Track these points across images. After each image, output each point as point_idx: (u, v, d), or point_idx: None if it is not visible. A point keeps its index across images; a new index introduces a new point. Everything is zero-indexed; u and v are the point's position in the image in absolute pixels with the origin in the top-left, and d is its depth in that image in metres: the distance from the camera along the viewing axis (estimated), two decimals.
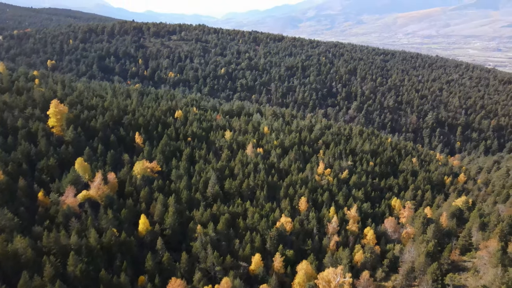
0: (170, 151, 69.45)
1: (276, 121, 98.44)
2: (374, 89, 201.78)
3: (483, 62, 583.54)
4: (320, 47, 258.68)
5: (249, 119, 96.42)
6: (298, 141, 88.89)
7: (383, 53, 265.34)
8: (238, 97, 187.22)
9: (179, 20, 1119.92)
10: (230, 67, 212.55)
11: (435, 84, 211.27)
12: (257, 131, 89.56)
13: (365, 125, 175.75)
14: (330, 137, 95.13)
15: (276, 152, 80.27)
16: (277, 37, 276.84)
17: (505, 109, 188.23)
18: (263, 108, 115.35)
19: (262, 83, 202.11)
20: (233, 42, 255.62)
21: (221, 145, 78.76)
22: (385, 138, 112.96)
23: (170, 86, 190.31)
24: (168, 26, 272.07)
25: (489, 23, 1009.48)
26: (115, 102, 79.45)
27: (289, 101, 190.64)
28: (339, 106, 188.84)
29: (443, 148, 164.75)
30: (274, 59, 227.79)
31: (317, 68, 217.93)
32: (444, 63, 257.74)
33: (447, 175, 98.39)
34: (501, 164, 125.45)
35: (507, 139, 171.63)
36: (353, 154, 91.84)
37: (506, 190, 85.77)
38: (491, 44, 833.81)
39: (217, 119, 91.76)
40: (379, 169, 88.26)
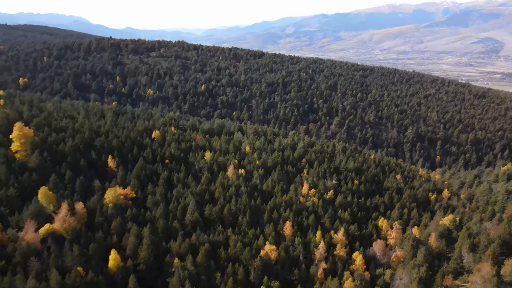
0: (146, 175, 65.18)
1: (258, 140, 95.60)
2: (354, 105, 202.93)
3: (456, 77, 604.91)
4: (300, 63, 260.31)
5: (230, 138, 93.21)
6: (281, 160, 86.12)
7: (362, 68, 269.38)
8: (218, 114, 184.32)
9: (159, 36, 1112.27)
10: (210, 83, 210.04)
11: (413, 99, 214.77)
12: (238, 150, 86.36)
13: (347, 141, 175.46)
14: (314, 155, 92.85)
15: (259, 173, 77.10)
16: (258, 53, 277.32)
17: (482, 123, 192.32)
18: (245, 126, 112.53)
19: (243, 99, 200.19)
20: (214, 59, 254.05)
21: (200, 166, 75.01)
22: (368, 154, 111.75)
23: (149, 104, 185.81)
24: (147, 42, 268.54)
25: (460, 39, 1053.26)
26: (87, 123, 74.84)
27: (271, 117, 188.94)
28: (320, 121, 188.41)
29: (424, 162, 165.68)
30: (255, 75, 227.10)
31: (298, 84, 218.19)
32: (420, 78, 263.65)
33: (431, 191, 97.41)
34: (482, 179, 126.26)
35: (485, 152, 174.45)
36: (337, 173, 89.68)
37: (490, 206, 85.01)
38: (463, 60, 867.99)
39: (197, 139, 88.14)
40: (364, 188, 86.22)
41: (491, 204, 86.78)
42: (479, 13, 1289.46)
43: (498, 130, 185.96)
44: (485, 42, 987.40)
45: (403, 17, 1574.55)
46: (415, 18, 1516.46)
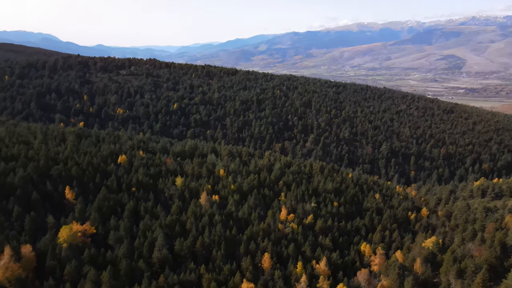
0: (109, 206, 58.93)
1: (232, 162, 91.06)
2: (329, 121, 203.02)
3: (423, 92, 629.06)
4: (274, 80, 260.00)
5: (203, 161, 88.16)
6: (257, 183, 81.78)
7: (335, 85, 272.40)
8: (192, 133, 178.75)
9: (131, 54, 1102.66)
10: (183, 102, 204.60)
11: (386, 115, 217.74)
12: (212, 174, 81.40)
13: (323, 158, 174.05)
14: (291, 177, 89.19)
15: (234, 198, 72.31)
16: (231, 70, 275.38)
17: (452, 138, 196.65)
18: (219, 147, 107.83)
19: (216, 118, 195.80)
20: (186, 76, 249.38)
21: (171, 194, 69.38)
22: (346, 173, 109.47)
23: (118, 123, 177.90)
24: (116, 60, 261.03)
25: (425, 56, 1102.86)
26: (44, 149, 67.92)
27: (245, 135, 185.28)
28: (296, 139, 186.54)
29: (399, 178, 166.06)
30: (229, 93, 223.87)
31: (272, 101, 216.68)
32: (391, 94, 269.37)
33: (410, 210, 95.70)
34: (457, 194, 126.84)
35: (456, 166, 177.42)
36: (316, 195, 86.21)
37: (470, 225, 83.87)
38: (428, 76, 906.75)
39: (167, 163, 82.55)
40: (344, 210, 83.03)
41: (470, 222, 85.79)
42: (441, 31, 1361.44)
43: (468, 144, 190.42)
44: (448, 59, 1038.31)
45: (371, 35, 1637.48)
46: (382, 36, 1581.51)
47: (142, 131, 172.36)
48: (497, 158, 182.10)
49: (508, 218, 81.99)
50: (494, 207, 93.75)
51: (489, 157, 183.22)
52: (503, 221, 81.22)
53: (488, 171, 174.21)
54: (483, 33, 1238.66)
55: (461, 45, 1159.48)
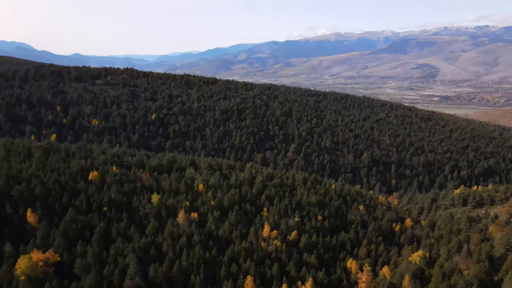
0: (77, 229, 53.99)
1: (212, 176, 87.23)
2: (310, 130, 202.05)
3: (399, 100, 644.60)
4: (254, 89, 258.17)
5: (181, 175, 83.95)
6: (239, 198, 78.24)
7: (316, 94, 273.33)
8: (170, 144, 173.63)
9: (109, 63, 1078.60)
10: (161, 112, 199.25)
11: (366, 123, 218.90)
12: (190, 190, 77.31)
13: (304, 168, 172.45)
14: (273, 190, 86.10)
15: (214, 215, 68.48)
16: (211, 80, 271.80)
17: (430, 145, 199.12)
18: (198, 160, 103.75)
19: (196, 128, 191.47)
20: (165, 86, 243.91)
21: (146, 212, 64.91)
22: (329, 184, 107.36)
23: (93, 135, 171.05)
24: (92, 69, 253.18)
25: (401, 65, 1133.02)
26: (5, 167, 62.36)
27: (226, 146, 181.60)
28: (277, 149, 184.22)
29: (381, 186, 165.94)
30: (208, 102, 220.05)
31: (253, 111, 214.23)
32: (371, 102, 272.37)
33: (394, 221, 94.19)
34: (438, 203, 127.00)
35: (436, 174, 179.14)
36: (299, 208, 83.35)
37: (454, 235, 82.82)
38: (405, 84, 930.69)
39: (143, 178, 77.96)
40: (328, 223, 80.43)
41: (455, 232, 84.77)
42: (415, 41, 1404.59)
43: (446, 152, 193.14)
44: (423, 67, 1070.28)
45: (348, 44, 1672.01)
46: (359, 45, 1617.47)
47: (119, 142, 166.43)
48: (474, 165, 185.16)
49: (491, 228, 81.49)
50: (477, 216, 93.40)
51: (466, 164, 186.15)
52: (487, 232, 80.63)
53: (466, 178, 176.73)
54: (455, 43, 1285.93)
55: (434, 55, 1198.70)
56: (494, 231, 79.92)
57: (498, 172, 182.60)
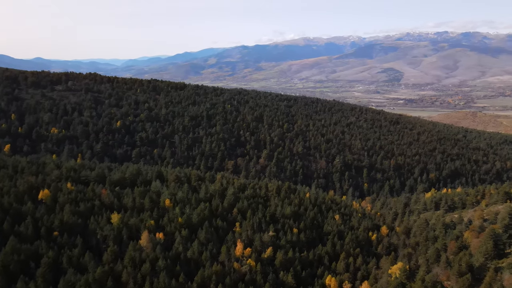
0: (19, 262, 46.65)
1: (180, 189, 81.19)
2: (282, 136, 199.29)
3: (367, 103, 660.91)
4: (224, 94, 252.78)
5: (146, 190, 77.36)
6: (209, 213, 72.77)
7: (286, 98, 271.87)
8: (137, 152, 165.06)
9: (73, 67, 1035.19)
10: (127, 119, 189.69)
11: (337, 128, 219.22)
12: (156, 206, 71.01)
13: (277, 174, 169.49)
14: (246, 202, 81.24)
15: (182, 234, 62.65)
16: (179, 85, 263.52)
17: (400, 149, 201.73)
18: (165, 171, 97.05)
19: (164, 135, 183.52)
20: (131, 92, 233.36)
21: (105, 235, 58.11)
22: (303, 193, 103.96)
23: (53, 145, 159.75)
24: (51, 75, 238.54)
25: (367, 69, 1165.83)
26: None
27: (196, 153, 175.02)
28: (249, 155, 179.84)
29: (353, 191, 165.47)
30: (177, 108, 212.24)
31: (223, 116, 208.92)
32: (341, 106, 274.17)
33: (371, 230, 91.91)
34: (411, 207, 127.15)
35: (406, 177, 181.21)
36: (274, 221, 78.99)
37: (431, 243, 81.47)
38: (371, 88, 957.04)
39: (103, 195, 70.78)
40: (304, 236, 76.57)
41: (431, 240, 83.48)
42: (380, 46, 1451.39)
43: (415, 154, 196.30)
44: (388, 72, 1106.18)
45: (316, 49, 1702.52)
46: (327, 50, 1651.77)
47: (81, 152, 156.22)
48: (442, 167, 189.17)
49: (467, 234, 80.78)
50: (451, 222, 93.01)
51: (434, 166, 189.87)
52: (463, 238, 79.78)
53: (435, 180, 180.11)
54: (417, 48, 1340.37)
55: (398, 59, 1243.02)
56: (469, 237, 79.16)
57: (464, 174, 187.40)
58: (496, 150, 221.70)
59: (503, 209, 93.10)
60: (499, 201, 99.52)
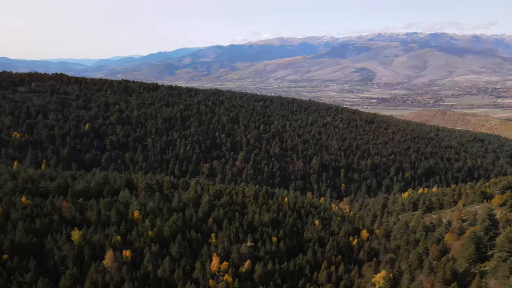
0: None
1: (151, 198, 75.62)
2: (258, 137, 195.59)
3: (341, 102, 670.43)
4: (199, 95, 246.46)
5: (113, 200, 71.37)
6: (182, 224, 67.75)
7: (262, 99, 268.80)
8: (107, 157, 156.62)
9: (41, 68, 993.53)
10: (96, 122, 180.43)
11: (313, 128, 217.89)
12: (124, 218, 65.30)
13: (254, 177, 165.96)
14: (222, 211, 76.70)
15: (152, 250, 57.41)
16: (152, 86, 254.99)
17: (375, 148, 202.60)
18: (135, 178, 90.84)
19: (136, 138, 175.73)
20: (100, 93, 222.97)
21: (63, 256, 52.07)
22: (282, 197, 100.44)
23: (14, 150, 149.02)
24: (13, 75, 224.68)
25: (341, 69, 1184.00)
26: None
27: (170, 156, 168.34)
28: (225, 158, 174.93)
29: (331, 192, 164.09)
30: (149, 110, 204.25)
31: (198, 118, 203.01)
32: (317, 106, 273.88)
33: (351, 234, 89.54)
34: (389, 207, 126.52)
35: (383, 176, 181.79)
36: (252, 230, 74.87)
37: (412, 247, 79.89)
38: (345, 87, 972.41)
39: (63, 208, 64.33)
40: (284, 245, 72.92)
41: (412, 243, 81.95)
42: (353, 46, 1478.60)
43: (390, 154, 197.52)
44: (361, 71, 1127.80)
45: (291, 49, 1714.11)
46: (302, 50, 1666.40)
47: (46, 158, 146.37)
48: (417, 166, 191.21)
49: (447, 237, 79.74)
50: (431, 224, 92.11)
51: (409, 165, 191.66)
52: (443, 241, 78.61)
53: (410, 179, 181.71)
54: (388, 48, 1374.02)
55: (371, 59, 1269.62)
56: (450, 240, 78.12)
57: (438, 172, 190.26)
58: (466, 148, 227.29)
59: (481, 210, 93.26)
60: (476, 201, 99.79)
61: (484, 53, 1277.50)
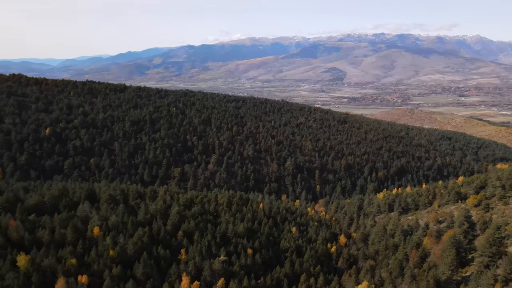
0: None
1: (114, 211, 68.92)
2: (231, 139, 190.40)
3: (313, 102, 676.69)
4: (169, 96, 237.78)
5: (70, 216, 64.15)
6: (149, 240, 61.70)
7: (235, 99, 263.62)
8: (70, 163, 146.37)
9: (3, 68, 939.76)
10: (58, 126, 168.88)
11: (287, 129, 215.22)
12: (82, 236, 58.47)
13: (227, 180, 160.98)
14: (193, 222, 71.13)
15: (113, 273, 51.18)
16: (119, 87, 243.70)
17: (349, 148, 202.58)
18: (98, 188, 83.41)
19: (102, 142, 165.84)
20: (63, 95, 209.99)
21: (6, 285, 45.01)
22: (256, 204, 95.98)
23: None
24: None
25: (312, 69, 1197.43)
26: None
27: (138, 161, 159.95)
28: (197, 161, 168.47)
29: (306, 194, 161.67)
30: (116, 113, 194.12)
31: (168, 120, 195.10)
32: (290, 107, 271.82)
33: (329, 241, 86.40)
34: (365, 209, 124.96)
35: (357, 177, 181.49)
36: (225, 242, 69.83)
37: (391, 253, 77.68)
38: (317, 87, 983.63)
39: (10, 227, 56.69)
40: (260, 257, 68.37)
41: (391, 248, 79.79)
42: (324, 46, 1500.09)
43: (364, 154, 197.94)
44: (332, 71, 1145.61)
45: (263, 49, 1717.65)
46: (273, 50, 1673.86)
47: (1, 165, 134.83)
48: (389, 165, 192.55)
49: (426, 241, 78.09)
50: (408, 227, 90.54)
51: (382, 164, 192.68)
52: (423, 245, 76.86)
53: (384, 179, 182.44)
54: (358, 49, 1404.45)
55: (341, 59, 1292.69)
56: (429, 243, 76.48)
57: (409, 171, 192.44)
58: (436, 146, 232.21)
59: (456, 211, 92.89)
60: (451, 201, 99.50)
61: (447, 54, 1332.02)
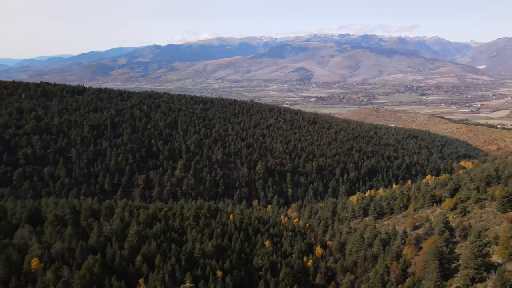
0: None
1: (60, 236, 59.37)
2: (199, 143, 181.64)
3: (282, 102, 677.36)
4: (132, 98, 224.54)
5: (4, 245, 54.10)
6: (101, 270, 52.99)
7: (202, 101, 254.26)
8: (21, 173, 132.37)
9: None
10: (6, 132, 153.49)
11: (257, 131, 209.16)
12: (17, 271, 48.86)
13: (196, 187, 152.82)
14: (154, 243, 62.95)
15: None
16: (77, 89, 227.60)
17: (320, 149, 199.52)
18: (45, 205, 72.88)
19: (57, 149, 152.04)
20: (12, 98, 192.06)
21: None
22: (226, 216, 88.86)
23: None
24: None
25: (280, 69, 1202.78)
26: None
27: (98, 169, 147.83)
28: (163, 167, 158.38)
29: (278, 198, 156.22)
30: (74, 117, 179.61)
31: (131, 124, 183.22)
32: (259, 108, 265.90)
33: (305, 254, 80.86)
34: (339, 214, 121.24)
35: (329, 178, 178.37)
36: (192, 265, 62.23)
37: (371, 265, 73.25)
38: (285, 86, 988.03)
39: None
40: (231, 280, 61.40)
41: (370, 260, 75.43)
42: (291, 47, 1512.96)
43: (335, 154, 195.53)
44: (299, 71, 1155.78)
45: (230, 49, 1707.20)
46: (241, 50, 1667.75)
47: None
48: (360, 166, 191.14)
49: (406, 251, 74.30)
50: (386, 234, 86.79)
51: (353, 165, 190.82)
52: (402, 254, 73.03)
53: (355, 180, 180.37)
54: (324, 49, 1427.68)
55: (308, 59, 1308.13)
56: (409, 253, 72.72)
57: (380, 171, 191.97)
58: (403, 145, 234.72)
59: (433, 215, 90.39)
60: (426, 205, 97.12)
61: (408, 54, 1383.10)
